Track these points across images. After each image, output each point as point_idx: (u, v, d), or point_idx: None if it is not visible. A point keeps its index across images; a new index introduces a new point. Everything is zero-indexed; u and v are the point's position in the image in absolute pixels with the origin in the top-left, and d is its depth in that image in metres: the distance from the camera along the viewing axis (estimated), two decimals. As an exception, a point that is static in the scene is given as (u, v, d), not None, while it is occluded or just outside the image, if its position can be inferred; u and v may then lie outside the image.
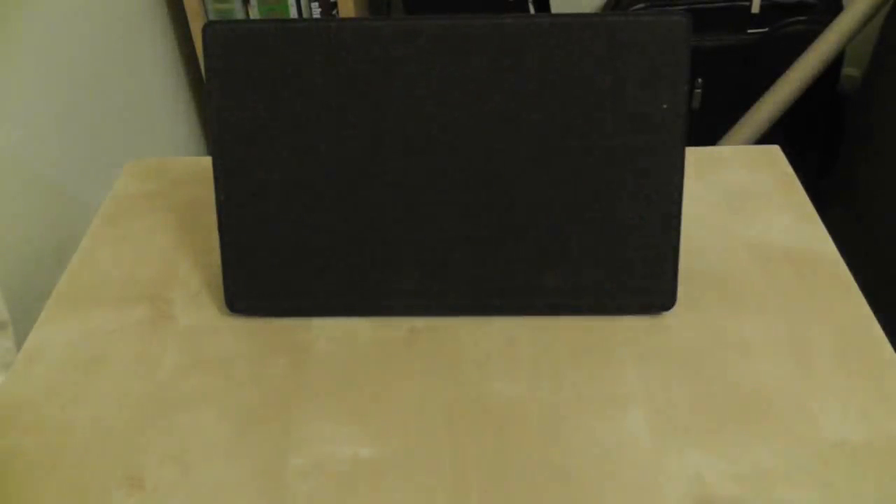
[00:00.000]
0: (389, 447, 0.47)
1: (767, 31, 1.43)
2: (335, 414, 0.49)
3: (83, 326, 0.56)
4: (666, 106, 0.50)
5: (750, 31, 1.44)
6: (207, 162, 0.69)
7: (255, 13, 1.32)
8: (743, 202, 0.64)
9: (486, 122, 0.51)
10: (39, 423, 0.49)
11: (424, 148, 0.51)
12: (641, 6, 1.46)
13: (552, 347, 0.52)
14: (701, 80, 1.47)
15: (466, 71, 0.50)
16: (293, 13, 1.31)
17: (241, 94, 0.51)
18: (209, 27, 0.50)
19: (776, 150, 0.69)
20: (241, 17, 1.31)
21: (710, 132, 1.41)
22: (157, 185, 0.68)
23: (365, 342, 0.53)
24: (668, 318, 0.54)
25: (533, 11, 1.51)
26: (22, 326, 0.67)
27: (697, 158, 0.68)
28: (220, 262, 0.54)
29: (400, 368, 0.52)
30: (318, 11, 1.32)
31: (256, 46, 0.50)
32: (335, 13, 1.32)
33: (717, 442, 0.47)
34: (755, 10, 1.42)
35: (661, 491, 0.44)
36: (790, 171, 0.67)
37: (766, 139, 1.36)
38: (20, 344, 0.55)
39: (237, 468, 0.46)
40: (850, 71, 1.58)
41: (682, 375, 0.50)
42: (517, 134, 0.51)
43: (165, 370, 0.52)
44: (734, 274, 0.57)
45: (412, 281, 0.54)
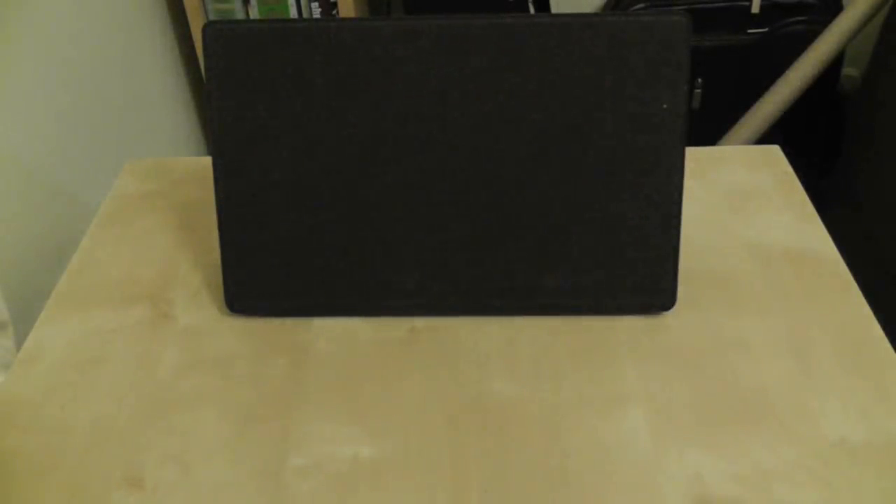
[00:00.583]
0: (389, 447, 0.47)
1: (767, 31, 1.43)
2: (335, 414, 0.49)
3: (83, 326, 0.56)
4: (666, 106, 0.50)
5: (750, 31, 1.44)
6: (207, 162, 0.69)
7: (255, 13, 1.32)
8: (743, 202, 0.64)
9: (486, 121, 0.51)
10: (39, 422, 0.49)
11: (424, 148, 0.51)
12: (641, 6, 1.46)
13: (552, 347, 0.52)
14: (701, 80, 1.47)
15: (466, 71, 0.50)
16: (293, 13, 1.31)
17: (241, 94, 0.51)
18: (209, 27, 0.50)
19: (776, 150, 0.69)
20: (241, 17, 1.31)
21: (710, 132, 1.41)
22: (157, 185, 0.68)
23: (365, 342, 0.53)
24: (668, 318, 0.54)
25: (533, 11, 1.51)
26: (22, 326, 0.67)
27: (697, 158, 0.68)
28: (220, 262, 0.54)
29: (400, 368, 0.52)
30: (318, 11, 1.32)
31: (256, 46, 0.50)
32: (335, 13, 1.32)
33: (717, 442, 0.47)
34: (755, 10, 1.42)
35: (661, 491, 0.44)
36: (790, 171, 0.67)
37: (766, 139, 1.36)
38: (20, 344, 0.55)
39: (237, 468, 0.46)
40: (850, 71, 1.58)
41: (682, 375, 0.50)
42: (517, 134, 0.51)
43: (165, 370, 0.52)
44: (734, 274, 0.57)
45: (412, 281, 0.54)
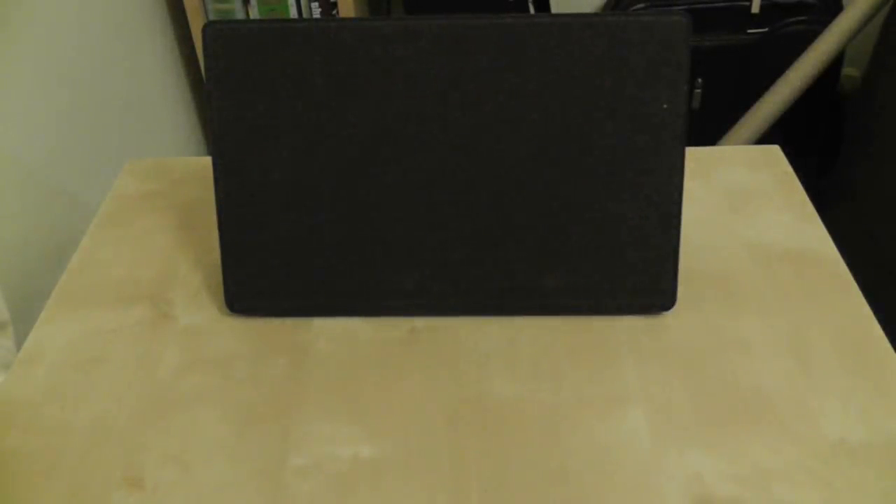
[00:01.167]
0: (389, 447, 0.47)
1: (767, 31, 1.43)
2: (335, 414, 0.49)
3: (83, 326, 0.56)
4: (666, 106, 0.50)
5: (750, 31, 1.44)
6: (207, 162, 0.69)
7: (255, 13, 1.32)
8: (743, 202, 0.64)
9: (486, 121, 0.51)
10: (39, 423, 0.49)
11: (424, 148, 0.51)
12: (641, 6, 1.46)
13: (552, 347, 0.52)
14: (701, 80, 1.47)
15: (466, 71, 0.50)
16: (293, 13, 1.31)
17: (241, 94, 0.51)
18: (209, 27, 0.50)
19: (776, 150, 0.69)
20: (241, 17, 1.31)
21: (710, 132, 1.41)
22: (157, 185, 0.68)
23: (365, 342, 0.53)
24: (668, 318, 0.54)
25: (533, 11, 1.51)
26: (22, 326, 0.67)
27: (697, 158, 0.68)
28: (220, 262, 0.54)
29: (400, 368, 0.52)
30: (318, 11, 1.32)
31: (256, 46, 0.50)
32: (335, 13, 1.32)
33: (716, 442, 0.47)
34: (755, 10, 1.42)
35: (660, 491, 0.44)
36: (790, 170, 0.67)
37: (766, 139, 1.36)
38: (20, 344, 0.55)
39: (237, 468, 0.46)
40: (850, 71, 1.58)
41: (682, 375, 0.50)
42: (517, 134, 0.51)
43: (165, 370, 0.52)
44: (734, 274, 0.57)
45: (412, 281, 0.54)
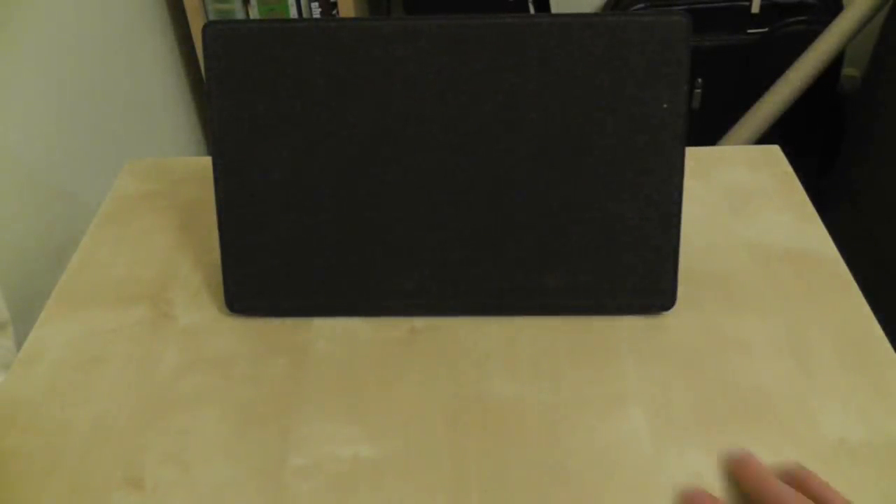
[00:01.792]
0: (389, 447, 0.47)
1: (767, 31, 1.43)
2: (335, 414, 0.49)
3: (83, 326, 0.56)
4: (666, 106, 0.50)
5: (750, 31, 1.44)
6: (207, 162, 0.69)
7: (255, 13, 1.32)
8: (743, 202, 0.64)
9: (486, 122, 0.51)
10: (39, 422, 0.49)
11: (424, 148, 0.51)
12: (641, 6, 1.46)
13: (552, 347, 0.52)
14: (701, 80, 1.47)
15: (466, 71, 0.50)
16: (293, 13, 1.31)
17: (241, 94, 0.51)
18: (209, 27, 0.50)
19: (776, 150, 0.69)
20: (241, 17, 1.31)
21: (710, 132, 1.41)
22: (157, 185, 0.68)
23: (365, 342, 0.53)
24: (668, 318, 0.54)
25: (533, 11, 1.51)
26: (22, 326, 0.66)
27: (697, 158, 0.68)
28: (220, 262, 0.54)
29: (400, 368, 0.52)
30: (318, 11, 1.32)
31: (256, 46, 0.50)
32: (335, 13, 1.32)
33: (717, 442, 0.47)
34: (755, 10, 1.42)
35: (660, 491, 0.44)
36: (790, 170, 0.67)
37: (766, 139, 1.36)
38: (20, 344, 0.55)
39: (237, 468, 0.46)
40: (850, 71, 1.58)
41: (682, 375, 0.50)
42: (517, 134, 0.51)
43: (165, 370, 0.52)
44: (734, 274, 0.57)
45: (412, 281, 0.54)
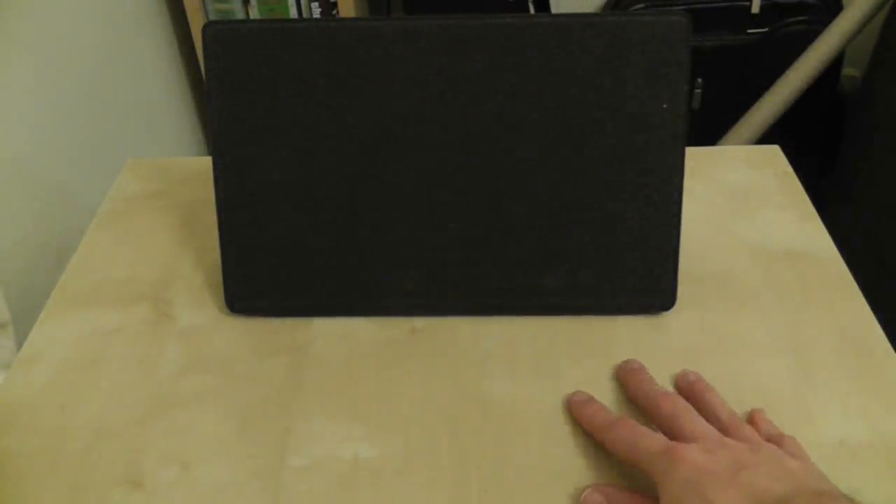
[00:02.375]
0: (389, 447, 0.47)
1: (767, 31, 1.43)
2: (335, 414, 0.49)
3: (83, 326, 0.56)
4: (666, 106, 0.50)
5: (750, 31, 1.44)
6: (207, 162, 0.69)
7: (255, 13, 1.32)
8: (743, 202, 0.64)
9: (485, 121, 0.51)
10: (39, 422, 0.49)
11: (424, 148, 0.51)
12: (641, 6, 1.46)
13: (552, 347, 0.52)
14: (701, 80, 1.47)
15: (466, 71, 0.50)
16: (293, 13, 1.32)
17: (241, 94, 0.51)
18: (209, 27, 0.50)
19: (776, 150, 0.69)
20: (241, 17, 1.31)
21: (710, 132, 1.41)
22: (157, 184, 0.68)
23: (365, 342, 0.53)
24: (668, 318, 0.54)
25: (533, 11, 1.51)
26: (22, 326, 0.66)
27: (697, 158, 0.68)
28: (220, 262, 0.54)
29: (400, 368, 0.52)
30: (318, 11, 1.32)
31: (256, 46, 0.50)
32: (335, 13, 1.32)
33: (717, 442, 0.46)
34: (755, 10, 1.42)
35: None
36: (790, 170, 0.67)
37: (766, 139, 1.36)
38: (20, 344, 0.55)
39: (237, 468, 0.46)
40: (850, 71, 1.58)
41: (682, 375, 0.50)
42: (517, 134, 0.51)
43: (165, 370, 0.52)
44: (734, 274, 0.57)
45: (412, 281, 0.54)
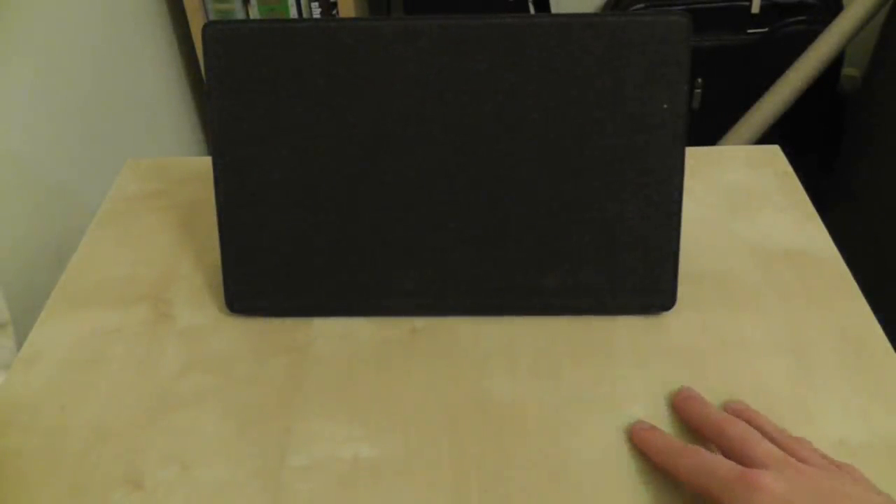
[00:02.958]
0: (389, 447, 0.47)
1: (767, 31, 1.43)
2: (335, 414, 0.49)
3: (83, 326, 0.56)
4: (666, 106, 0.50)
5: (750, 31, 1.44)
6: (207, 162, 0.69)
7: (255, 13, 1.32)
8: (743, 202, 0.64)
9: (485, 122, 0.51)
10: (39, 422, 0.49)
11: (424, 148, 0.51)
12: (641, 6, 1.46)
13: (552, 347, 0.52)
14: (701, 80, 1.47)
15: (466, 71, 0.50)
16: (293, 13, 1.32)
17: (241, 93, 0.51)
18: (209, 27, 0.50)
19: (776, 150, 0.69)
20: (241, 17, 1.31)
21: (710, 132, 1.41)
22: (157, 185, 0.68)
23: (365, 342, 0.53)
24: (668, 318, 0.54)
25: (533, 11, 1.51)
26: (22, 326, 0.66)
27: (697, 158, 0.68)
28: (220, 262, 0.54)
29: (400, 368, 0.52)
30: (318, 11, 1.32)
31: (256, 46, 0.50)
32: (335, 13, 1.32)
33: (717, 442, 0.46)
34: (755, 10, 1.42)
35: (661, 491, 0.44)
36: (790, 170, 0.67)
37: (766, 139, 1.36)
38: (20, 344, 0.55)
39: (237, 468, 0.46)
40: (850, 71, 1.58)
41: (682, 375, 0.50)
42: (517, 134, 0.51)
43: (165, 370, 0.52)
44: (734, 274, 0.57)
45: (412, 281, 0.54)
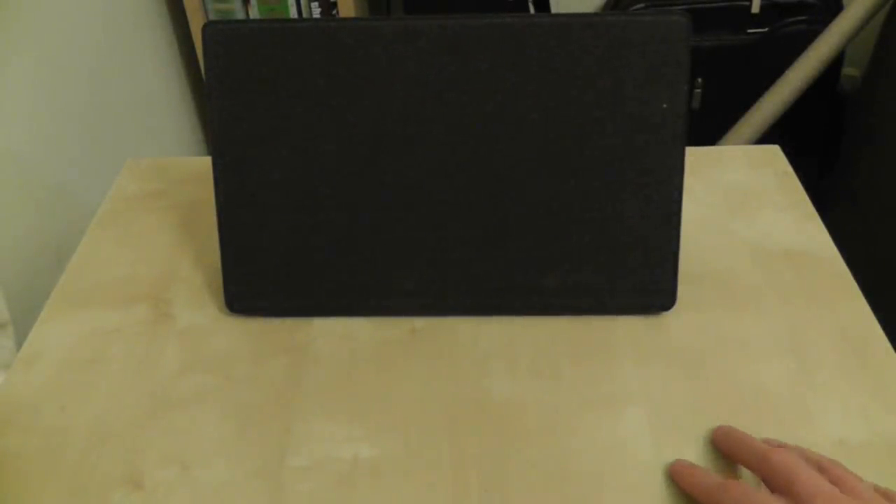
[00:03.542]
0: (389, 447, 0.47)
1: (767, 31, 1.43)
2: (335, 414, 0.49)
3: (83, 326, 0.56)
4: (666, 106, 0.50)
5: (750, 31, 1.44)
6: (207, 162, 0.69)
7: (255, 13, 1.32)
8: (743, 202, 0.64)
9: (486, 122, 0.51)
10: (39, 422, 0.49)
11: (424, 148, 0.51)
12: (641, 6, 1.46)
13: (552, 347, 0.52)
14: (701, 80, 1.47)
15: (466, 71, 0.50)
16: (293, 13, 1.31)
17: (241, 93, 0.51)
18: (209, 27, 0.50)
19: (776, 150, 0.69)
20: (241, 17, 1.31)
21: (710, 132, 1.41)
22: (157, 185, 0.68)
23: (365, 342, 0.53)
24: (668, 318, 0.54)
25: (533, 11, 1.51)
26: (22, 326, 0.66)
27: (697, 158, 0.68)
28: (220, 262, 0.54)
29: (400, 368, 0.52)
30: (318, 11, 1.32)
31: (256, 46, 0.50)
32: (335, 13, 1.32)
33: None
34: (755, 10, 1.42)
35: (660, 491, 0.44)
36: (790, 170, 0.67)
37: (766, 139, 1.36)
38: (20, 344, 0.55)
39: (237, 468, 0.46)
40: (850, 71, 1.58)
41: (682, 375, 0.50)
42: (517, 134, 0.51)
43: (165, 370, 0.52)
44: (734, 274, 0.57)
45: (412, 281, 0.54)
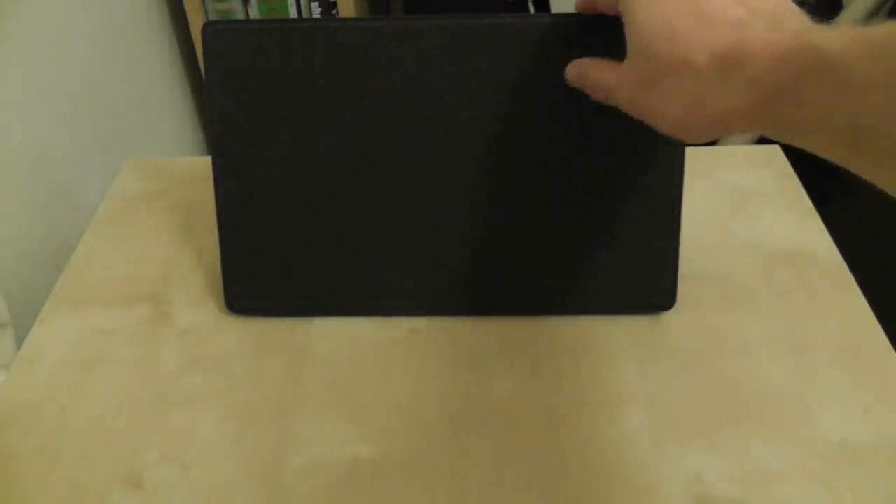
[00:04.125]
0: (389, 447, 0.47)
1: (767, 30, 1.43)
2: (335, 414, 0.49)
3: (83, 326, 0.56)
4: (666, 106, 0.50)
5: (750, 30, 1.44)
6: (207, 162, 0.69)
7: (255, 13, 1.32)
8: (743, 202, 0.64)
9: (485, 122, 0.51)
10: (39, 423, 0.49)
11: (424, 148, 0.51)
12: (641, 6, 1.46)
13: (552, 347, 0.52)
14: (701, 80, 1.46)
15: (466, 71, 0.50)
16: (293, 13, 1.32)
17: (241, 94, 0.51)
18: (209, 27, 0.50)
19: (776, 149, 0.69)
20: (241, 17, 1.31)
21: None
22: (157, 184, 0.68)
23: (365, 342, 0.53)
24: (668, 318, 0.54)
25: (533, 11, 1.51)
26: (22, 326, 0.66)
27: (697, 158, 0.68)
28: (219, 262, 0.54)
29: (400, 368, 0.52)
30: (318, 11, 1.32)
31: (256, 46, 0.50)
32: (335, 13, 1.32)
33: (716, 442, 0.47)
34: (755, 9, 1.41)
35: (660, 491, 0.44)
36: (790, 170, 0.67)
37: (766, 139, 1.36)
38: (20, 344, 0.55)
39: (237, 468, 0.46)
40: (850, 71, 1.58)
41: (682, 375, 0.50)
42: (517, 134, 0.51)
43: (165, 370, 0.52)
44: (734, 274, 0.57)
45: (412, 281, 0.54)
